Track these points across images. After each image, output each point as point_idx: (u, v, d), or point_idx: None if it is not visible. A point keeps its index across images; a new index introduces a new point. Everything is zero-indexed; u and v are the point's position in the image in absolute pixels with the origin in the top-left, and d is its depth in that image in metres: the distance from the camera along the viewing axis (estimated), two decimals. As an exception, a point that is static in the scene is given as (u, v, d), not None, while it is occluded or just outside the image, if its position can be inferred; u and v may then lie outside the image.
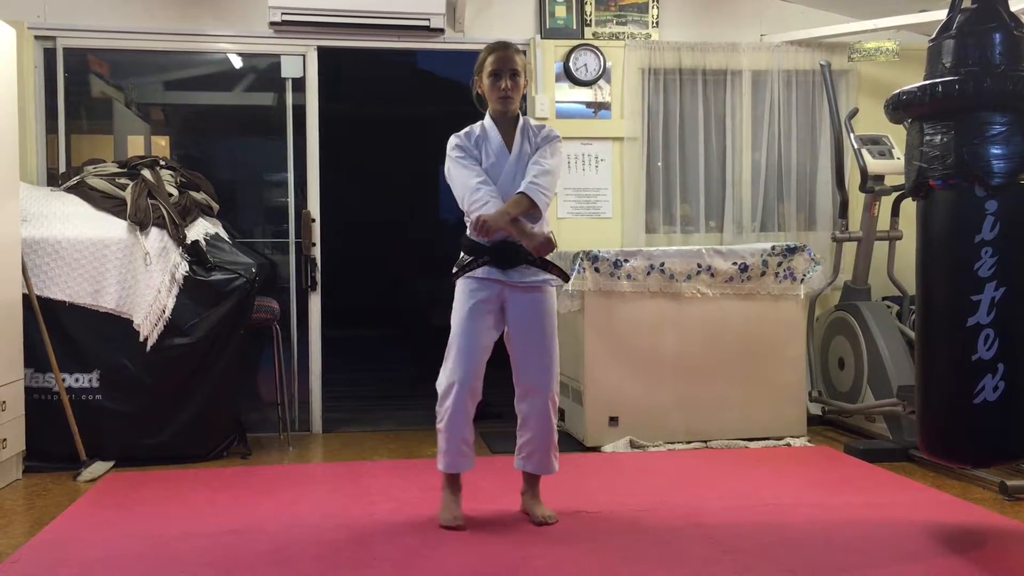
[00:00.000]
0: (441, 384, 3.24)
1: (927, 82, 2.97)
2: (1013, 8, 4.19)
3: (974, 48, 2.91)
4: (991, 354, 2.89)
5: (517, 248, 3.18)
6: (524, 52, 3.25)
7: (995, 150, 2.87)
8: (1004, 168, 2.87)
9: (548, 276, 3.25)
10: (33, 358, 4.16)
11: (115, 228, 4.33)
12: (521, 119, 3.28)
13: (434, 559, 2.92)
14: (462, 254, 3.27)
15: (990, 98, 2.86)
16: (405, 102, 9.52)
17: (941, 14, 3.12)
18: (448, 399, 3.20)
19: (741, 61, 5.42)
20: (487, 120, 3.28)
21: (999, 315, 2.89)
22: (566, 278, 3.30)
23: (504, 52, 3.21)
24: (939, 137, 2.95)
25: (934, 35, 3.04)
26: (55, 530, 3.27)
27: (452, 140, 3.28)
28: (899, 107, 3.08)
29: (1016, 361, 2.91)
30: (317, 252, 5.12)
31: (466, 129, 3.30)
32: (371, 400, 6.26)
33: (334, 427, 5.22)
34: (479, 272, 3.21)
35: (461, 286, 3.26)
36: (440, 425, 3.25)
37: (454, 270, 3.27)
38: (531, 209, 3.15)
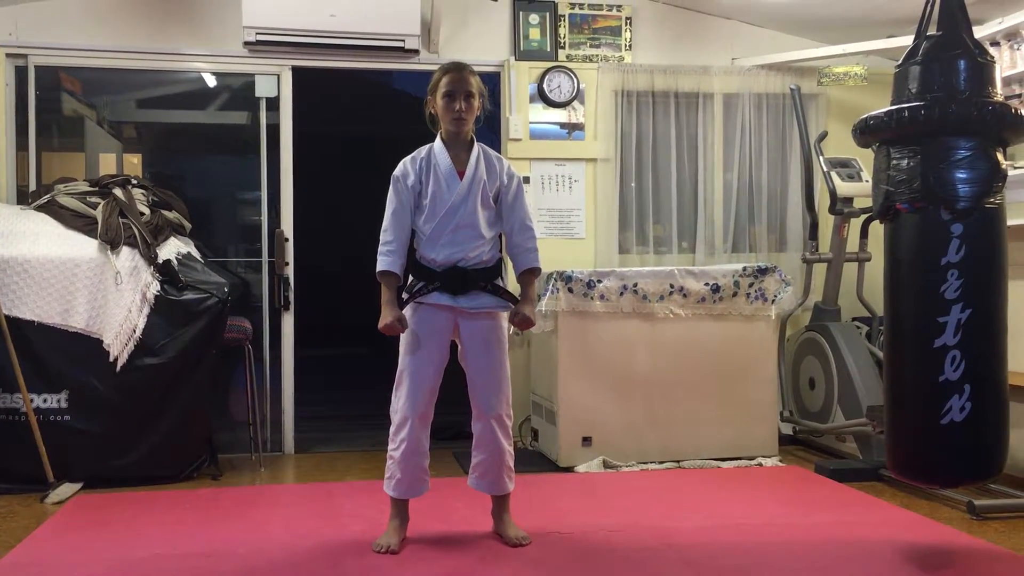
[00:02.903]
0: (396, 415, 3.21)
1: (894, 107, 3.02)
2: (1015, 20, 4.32)
3: (939, 74, 2.96)
4: (958, 375, 2.92)
5: (466, 273, 3.15)
6: (480, 75, 3.22)
7: (960, 174, 2.92)
8: (969, 192, 2.92)
9: (498, 301, 3.22)
10: (0, 378, 4.11)
11: (85, 247, 4.29)
12: (476, 145, 3.22)
13: (406, 581, 2.90)
14: (411, 277, 3.22)
15: (955, 123, 2.91)
16: (380, 122, 9.53)
17: (908, 40, 3.18)
18: (403, 431, 3.19)
19: (713, 84, 5.49)
20: (437, 143, 3.20)
21: (965, 336, 2.92)
22: (515, 302, 3.23)
23: (459, 73, 3.14)
24: (906, 161, 3.00)
25: (900, 61, 3.10)
26: (21, 553, 3.22)
27: (398, 167, 3.22)
28: (867, 131, 3.12)
29: (982, 382, 2.95)
30: (290, 271, 5.11)
31: (414, 153, 3.23)
32: (344, 420, 6.22)
33: (306, 447, 5.19)
34: (429, 298, 3.16)
35: (410, 312, 3.19)
36: (395, 454, 3.21)
37: (403, 295, 3.20)
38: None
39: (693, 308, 4.72)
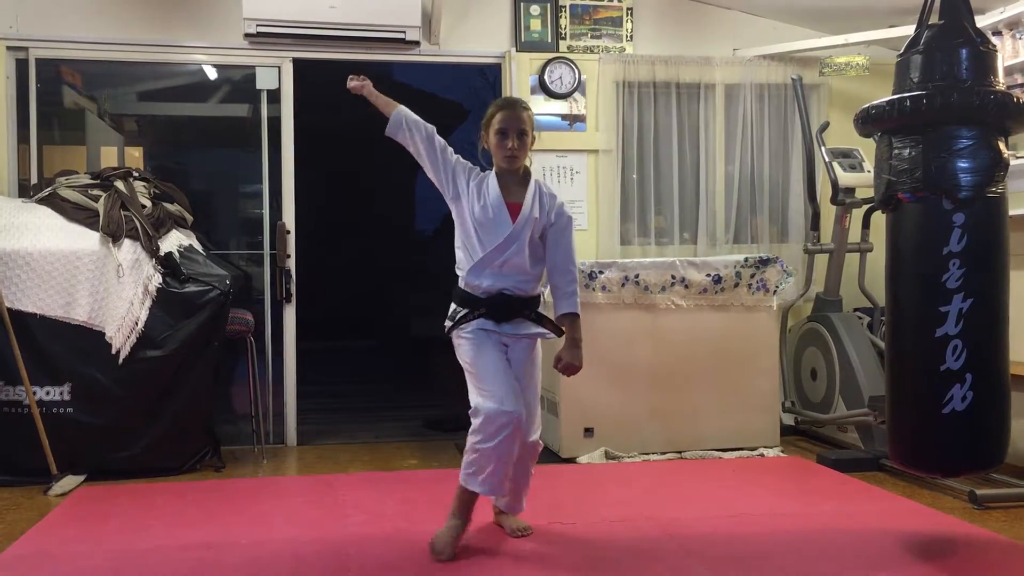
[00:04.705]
0: (487, 408, 2.98)
1: (895, 97, 3.02)
2: (1016, 9, 4.31)
3: (941, 63, 2.96)
4: (959, 364, 2.92)
5: (511, 300, 3.10)
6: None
7: (962, 164, 2.92)
8: (971, 181, 2.92)
9: (541, 330, 3.16)
10: (3, 371, 4.12)
11: (87, 240, 4.29)
12: (534, 182, 3.17)
13: (408, 571, 2.91)
14: (453, 306, 3.16)
15: (957, 112, 2.91)
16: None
17: (909, 30, 3.17)
18: (499, 421, 2.97)
19: (714, 75, 5.48)
20: (491, 175, 3.14)
21: (967, 326, 2.92)
22: (560, 332, 3.16)
23: (512, 111, 3.11)
24: (908, 151, 2.99)
25: (902, 50, 3.09)
26: (26, 545, 3.23)
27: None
28: (868, 121, 3.12)
29: (984, 371, 2.95)
30: (292, 264, 5.11)
31: (473, 165, 3.20)
32: (346, 412, 6.23)
33: (309, 440, 5.20)
34: (472, 324, 3.09)
35: (461, 337, 3.12)
36: (487, 445, 2.98)
37: (447, 324, 3.15)
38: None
39: (695, 299, 4.72)
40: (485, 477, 3.02)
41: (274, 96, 5.14)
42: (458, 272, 3.17)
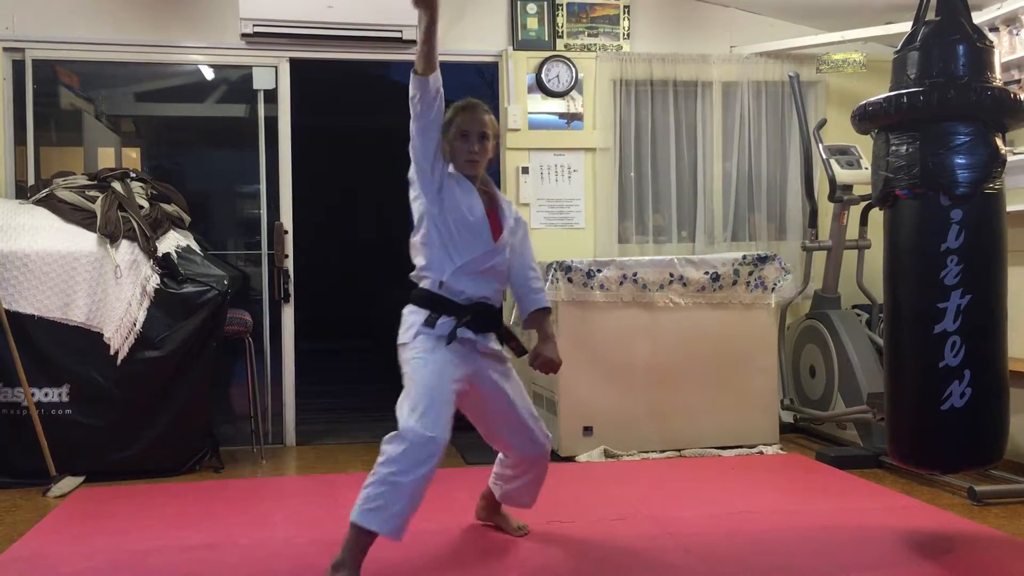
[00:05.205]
0: (415, 435, 2.65)
1: (892, 93, 3.02)
2: (1013, 5, 4.30)
3: (938, 60, 2.96)
4: (958, 361, 2.93)
5: (492, 311, 2.95)
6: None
7: (960, 160, 2.92)
8: (969, 178, 2.92)
9: (502, 348, 3.02)
10: (1, 372, 4.12)
11: (85, 241, 4.29)
12: (493, 186, 3.06)
13: (407, 572, 2.91)
14: (417, 311, 2.91)
15: (954, 109, 2.91)
16: (377, 114, 9.52)
17: (906, 26, 3.17)
18: (427, 450, 2.65)
19: (711, 72, 5.48)
20: (462, 176, 2.96)
21: (965, 322, 2.92)
22: (523, 352, 3.06)
23: (473, 113, 2.92)
24: (905, 147, 2.99)
25: (899, 47, 3.09)
26: (25, 546, 3.23)
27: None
28: (865, 118, 3.12)
29: (982, 368, 2.95)
30: (290, 264, 5.10)
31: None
32: (345, 412, 6.23)
33: (308, 440, 5.19)
34: (435, 332, 2.84)
35: (422, 347, 2.84)
36: (403, 479, 2.62)
37: (409, 330, 2.89)
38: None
39: (693, 297, 4.72)
40: (390, 515, 2.62)
41: (271, 96, 5.14)
42: (425, 275, 2.94)
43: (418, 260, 2.98)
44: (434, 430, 2.67)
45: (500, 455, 3.22)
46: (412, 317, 2.92)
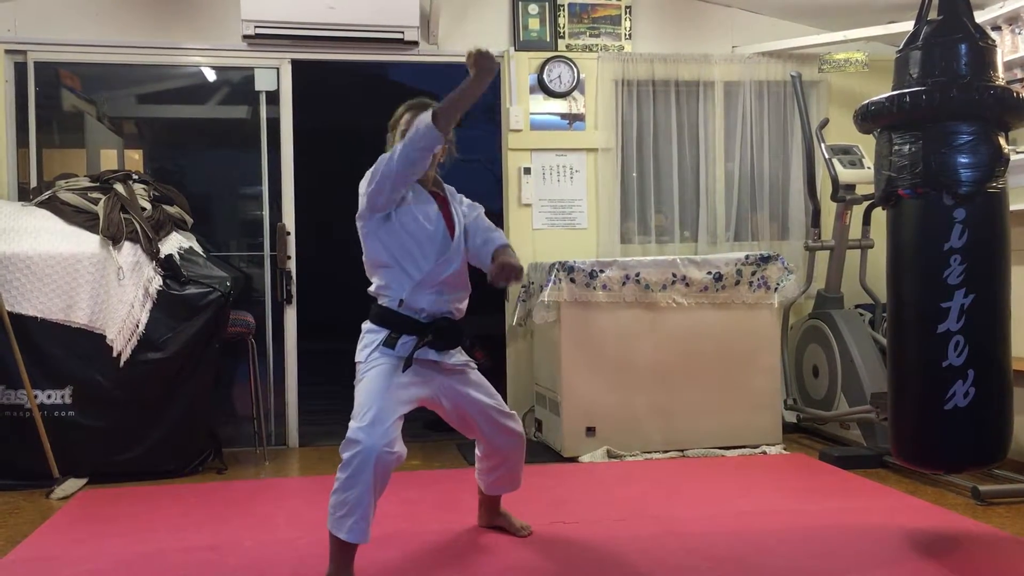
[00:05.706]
0: (363, 444, 2.68)
1: (895, 93, 3.01)
2: (1016, 4, 4.29)
3: (940, 59, 2.96)
4: (961, 360, 2.92)
5: (455, 326, 2.90)
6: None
7: (962, 159, 2.92)
8: (971, 177, 2.91)
9: (468, 359, 3.02)
10: (4, 374, 4.12)
11: (87, 243, 4.29)
12: (443, 184, 3.03)
13: (410, 572, 2.91)
14: (368, 330, 2.89)
15: (957, 108, 2.91)
16: (379, 114, 9.52)
17: (908, 25, 3.16)
18: (366, 457, 2.68)
19: (713, 72, 5.47)
20: (415, 184, 2.92)
21: (968, 322, 2.92)
22: (491, 362, 3.09)
23: (421, 112, 2.82)
24: (907, 147, 2.99)
25: (901, 46, 3.09)
26: (28, 549, 3.23)
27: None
28: (868, 117, 3.12)
29: (986, 367, 2.95)
30: (292, 265, 5.11)
31: None
32: (348, 413, 6.20)
33: (311, 441, 5.19)
34: (393, 351, 2.82)
35: (378, 363, 2.83)
36: (356, 484, 2.69)
37: (365, 349, 2.86)
38: None
39: (696, 297, 4.71)
40: (353, 522, 2.70)
41: (273, 97, 5.15)
42: (383, 294, 2.91)
43: (375, 279, 2.97)
44: (373, 434, 2.68)
45: (477, 451, 3.23)
46: (370, 336, 2.90)
